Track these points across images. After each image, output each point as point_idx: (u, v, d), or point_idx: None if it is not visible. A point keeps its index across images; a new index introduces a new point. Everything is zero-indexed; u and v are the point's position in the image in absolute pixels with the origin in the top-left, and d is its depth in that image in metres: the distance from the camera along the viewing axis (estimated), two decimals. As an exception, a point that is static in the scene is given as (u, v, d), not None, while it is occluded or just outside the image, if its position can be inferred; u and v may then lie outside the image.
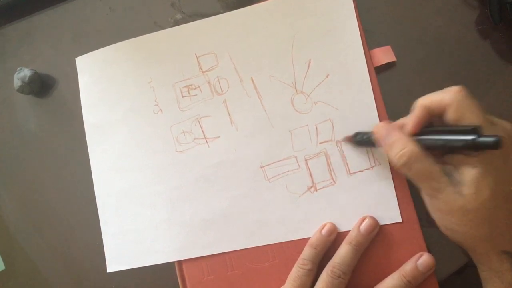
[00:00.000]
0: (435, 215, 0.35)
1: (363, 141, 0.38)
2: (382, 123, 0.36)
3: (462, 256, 0.39)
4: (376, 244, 0.39)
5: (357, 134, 0.39)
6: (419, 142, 0.33)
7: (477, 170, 0.31)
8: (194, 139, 0.42)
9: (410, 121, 0.34)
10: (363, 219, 0.38)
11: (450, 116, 0.32)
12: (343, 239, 0.39)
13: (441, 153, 0.34)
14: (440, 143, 0.32)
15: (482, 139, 0.30)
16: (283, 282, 0.39)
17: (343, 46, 0.41)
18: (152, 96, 0.43)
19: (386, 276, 0.38)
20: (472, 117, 0.32)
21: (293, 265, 0.39)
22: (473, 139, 0.30)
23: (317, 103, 0.41)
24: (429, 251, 0.38)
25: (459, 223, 0.33)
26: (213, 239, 0.41)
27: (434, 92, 0.34)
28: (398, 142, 0.33)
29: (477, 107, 0.32)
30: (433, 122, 0.35)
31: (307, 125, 0.41)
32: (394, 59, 0.41)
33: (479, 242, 0.34)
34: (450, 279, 0.39)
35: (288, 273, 0.39)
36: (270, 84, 0.42)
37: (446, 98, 0.32)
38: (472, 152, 0.32)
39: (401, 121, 0.36)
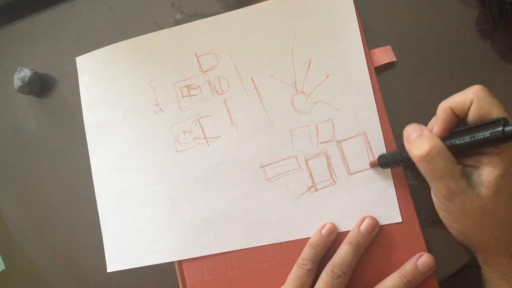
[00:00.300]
0: (448, 218, 0.35)
1: (388, 161, 0.38)
2: (410, 124, 0.35)
3: (462, 257, 0.39)
4: (376, 244, 0.39)
5: (381, 156, 0.38)
6: (445, 142, 0.33)
7: (498, 170, 0.31)
8: (194, 139, 0.42)
9: (436, 125, 0.34)
10: (363, 219, 0.38)
11: (474, 114, 0.32)
12: (343, 239, 0.39)
13: (460, 155, 0.34)
14: (466, 141, 0.32)
15: (510, 127, 0.29)
16: (283, 282, 0.39)
17: (343, 46, 0.41)
18: (152, 95, 0.43)
19: (386, 276, 0.38)
20: (496, 112, 0.31)
21: (293, 265, 0.39)
22: (501, 130, 0.30)
23: (318, 103, 0.41)
24: (429, 251, 0.38)
25: (474, 225, 0.33)
26: (213, 239, 0.41)
27: (454, 94, 0.34)
28: (424, 136, 0.33)
29: (499, 103, 0.32)
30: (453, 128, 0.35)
31: (308, 125, 0.41)
32: (394, 59, 0.41)
33: (491, 244, 0.34)
34: (450, 280, 0.39)
35: (288, 273, 0.39)
36: (270, 84, 0.42)
37: (469, 96, 0.32)
38: (495, 150, 0.31)
39: (429, 126, 0.36)
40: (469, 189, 0.32)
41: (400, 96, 0.41)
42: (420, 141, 0.33)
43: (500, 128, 0.30)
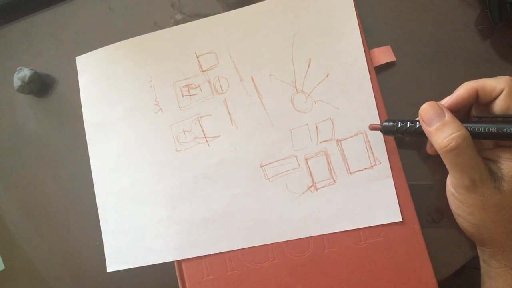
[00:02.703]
0: (464, 210, 0.34)
1: (395, 130, 0.36)
2: (429, 104, 0.33)
3: (462, 257, 0.39)
4: (376, 244, 0.39)
5: (387, 121, 0.37)
6: (466, 127, 0.31)
7: None
8: (194, 138, 0.42)
9: (450, 98, 0.33)
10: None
11: (502, 104, 0.31)
12: (342, 239, 0.39)
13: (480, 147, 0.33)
14: (492, 131, 0.31)
15: None
16: (283, 282, 0.39)
17: (343, 45, 0.41)
18: (152, 95, 0.43)
19: (384, 276, 0.37)
20: None
21: (293, 265, 0.39)
22: None
23: (317, 102, 0.41)
24: (428, 251, 0.38)
25: (489, 219, 0.32)
26: (213, 238, 0.41)
27: (483, 78, 0.32)
28: (450, 124, 0.31)
29: None
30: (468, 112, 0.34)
31: (307, 124, 0.41)
32: (394, 58, 0.42)
33: (503, 239, 0.33)
34: (449, 281, 0.39)
35: (288, 273, 0.39)
36: (270, 83, 0.42)
37: (501, 85, 0.31)
38: None
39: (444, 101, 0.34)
40: (491, 181, 0.31)
41: (400, 95, 0.41)
42: (446, 131, 0.31)
43: None
